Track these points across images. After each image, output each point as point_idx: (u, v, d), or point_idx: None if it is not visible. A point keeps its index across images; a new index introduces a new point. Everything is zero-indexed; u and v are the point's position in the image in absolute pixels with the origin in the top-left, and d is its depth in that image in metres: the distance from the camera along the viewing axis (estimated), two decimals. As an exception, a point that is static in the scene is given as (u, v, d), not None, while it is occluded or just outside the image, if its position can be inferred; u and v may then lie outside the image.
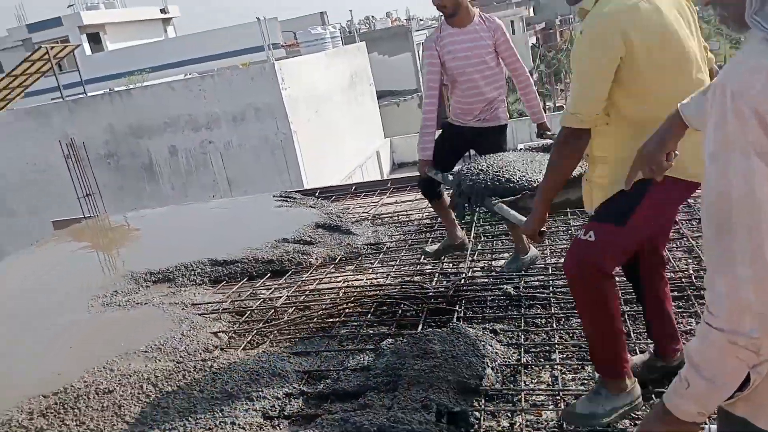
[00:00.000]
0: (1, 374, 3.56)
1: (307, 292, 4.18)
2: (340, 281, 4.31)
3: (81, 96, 15.89)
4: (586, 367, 2.83)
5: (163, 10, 35.42)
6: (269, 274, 4.63)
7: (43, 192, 14.35)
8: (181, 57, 25.53)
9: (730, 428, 1.28)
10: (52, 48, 16.01)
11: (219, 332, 3.70)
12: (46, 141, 13.05)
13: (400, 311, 3.65)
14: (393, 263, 4.52)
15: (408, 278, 4.16)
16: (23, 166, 14.70)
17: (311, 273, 4.56)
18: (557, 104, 37.96)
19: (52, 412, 2.97)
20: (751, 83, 1.09)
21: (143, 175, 14.25)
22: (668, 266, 3.64)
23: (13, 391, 3.22)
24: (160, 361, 3.35)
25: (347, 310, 3.77)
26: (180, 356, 3.39)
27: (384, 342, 3.25)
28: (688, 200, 4.73)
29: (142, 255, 5.70)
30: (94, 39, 31.34)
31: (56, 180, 12.82)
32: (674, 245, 4.01)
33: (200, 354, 3.40)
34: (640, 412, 2.35)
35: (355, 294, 3.99)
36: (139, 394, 3.01)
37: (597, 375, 2.41)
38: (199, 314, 3.99)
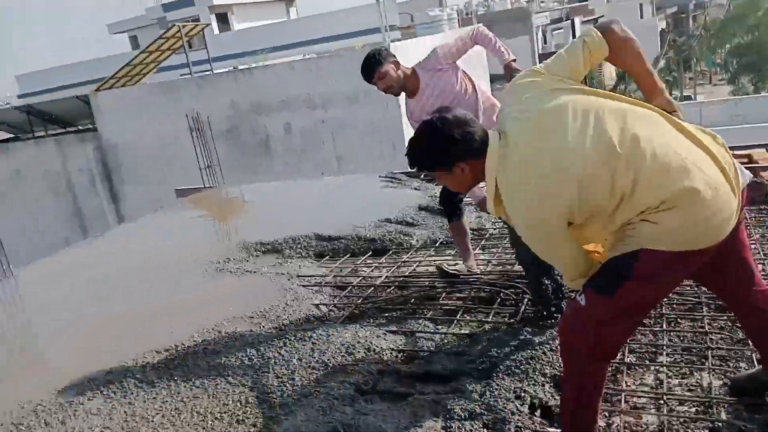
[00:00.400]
0: (119, 329, 3.88)
1: (406, 273, 4.21)
2: (439, 264, 4.30)
3: (208, 73, 16.80)
4: (695, 373, 2.66)
5: (287, -8, 36.59)
6: (371, 252, 4.71)
7: (171, 162, 15.37)
8: (301, 38, 26.32)
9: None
10: (184, 26, 17.02)
11: (320, 304, 3.83)
12: (175, 114, 13.92)
13: (498, 299, 3.60)
14: (495, 250, 4.46)
15: (509, 266, 4.08)
16: (154, 137, 15.81)
17: (411, 254, 4.59)
18: (684, 93, 35.56)
19: (162, 367, 3.21)
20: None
21: (260, 150, 14.89)
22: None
23: (130, 345, 3.50)
24: (264, 327, 3.52)
25: (445, 294, 3.76)
26: (282, 324, 3.54)
27: (481, 328, 3.23)
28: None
29: (254, 226, 5.98)
30: (222, 19, 33.00)
31: (182, 152, 13.68)
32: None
33: (302, 324, 3.53)
34: None
35: (453, 278, 3.97)
36: (242, 356, 3.18)
37: None
38: (303, 286, 4.14)
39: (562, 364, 2.68)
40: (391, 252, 4.69)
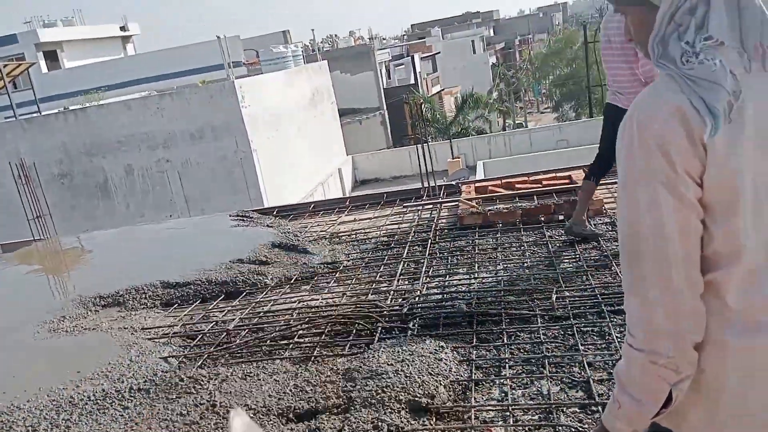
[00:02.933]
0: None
1: (261, 314, 4.13)
2: (295, 301, 4.28)
3: (35, 115, 15.53)
4: (535, 382, 2.85)
5: (123, 28, 35.04)
6: (223, 296, 4.56)
7: (-6, 213, 13.90)
8: (140, 75, 25.23)
9: None
10: (5, 66, 15.64)
11: (169, 357, 3.62)
12: (-2, 161, 12.67)
13: (354, 330, 3.63)
14: (349, 282, 4.51)
15: (363, 297, 4.15)
16: (-28, 187, 14.23)
17: (266, 294, 4.51)
18: (516, 121, 38.66)
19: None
20: (655, 117, 1.15)
21: (97, 194, 13.96)
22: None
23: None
24: (106, 388, 3.26)
25: (301, 331, 3.73)
26: (127, 382, 3.30)
27: (337, 362, 3.23)
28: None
29: (93, 278, 5.56)
30: (51, 56, 30.79)
31: (7, 202, 12.44)
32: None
33: (149, 380, 3.32)
34: None
35: (310, 314, 3.96)
36: (84, 420, 2.92)
37: None
38: (149, 339, 3.90)
39: (416, 389, 2.76)
40: (245, 293, 4.58)
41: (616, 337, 3.08)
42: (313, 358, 3.36)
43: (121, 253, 6.37)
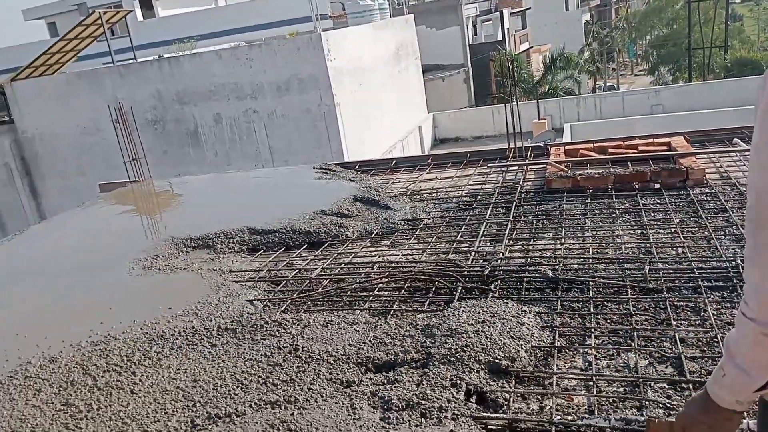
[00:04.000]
0: (35, 326, 3.69)
1: (342, 265, 4.18)
2: (375, 255, 4.30)
3: (131, 62, 16.17)
4: (621, 354, 2.76)
5: (214, -22, 35.57)
6: (306, 245, 4.66)
7: (93, 154, 14.74)
8: (230, 25, 25.71)
9: (765, 414, 1.31)
10: (105, 13, 16.29)
11: (254, 300, 3.75)
12: (97, 105, 13.36)
13: (434, 288, 3.62)
14: (429, 240, 4.49)
15: (443, 256, 4.12)
16: (75, 129, 15.10)
17: (347, 246, 4.56)
18: (607, 84, 36.94)
19: (81, 366, 3.06)
20: None
21: (188, 141, 14.49)
22: (715, 254, 3.52)
23: (51, 343, 3.33)
24: (196, 325, 3.41)
25: (381, 285, 3.76)
26: (215, 321, 3.44)
27: (416, 318, 3.24)
28: (738, 187, 4.55)
29: (184, 220, 5.81)
30: (147, 5, 31.77)
31: (105, 143, 13.14)
32: (723, 233, 3.86)
33: (235, 320, 3.44)
34: None
35: (390, 269, 3.98)
36: (175, 354, 3.08)
37: None
38: (236, 281, 4.05)
39: (496, 351, 2.73)
40: (326, 244, 4.65)
41: (713, 314, 2.92)
42: (392, 311, 3.39)
43: (211, 198, 6.60)
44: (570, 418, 2.38)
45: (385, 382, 2.68)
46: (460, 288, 3.53)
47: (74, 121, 14.98)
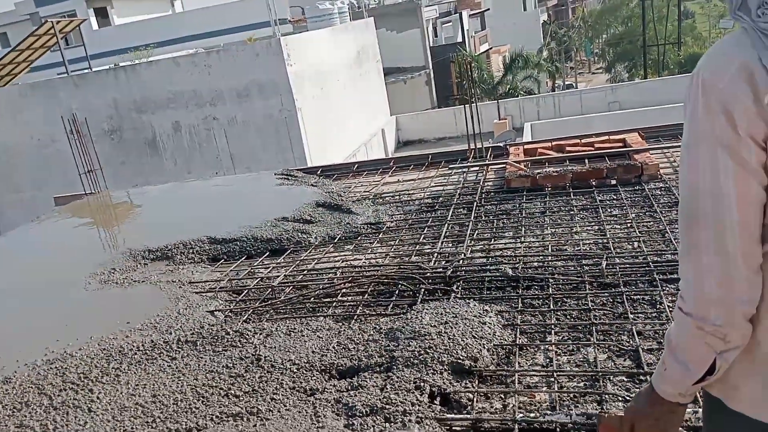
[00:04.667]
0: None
1: (305, 272, 4.15)
2: (338, 260, 4.29)
3: (86, 71, 15.82)
4: (581, 349, 2.79)
5: (170, -16, 35.12)
6: (268, 253, 4.61)
7: (48, 167, 14.37)
8: (187, 32, 25.39)
9: (708, 407, 1.34)
10: (58, 22, 15.91)
11: (215, 310, 3.69)
12: (51, 116, 13.03)
13: (397, 291, 3.62)
14: (392, 243, 4.49)
15: (406, 258, 4.12)
16: (28, 141, 14.71)
17: (310, 252, 4.53)
18: (566, 82, 37.58)
19: (37, 385, 2.97)
20: (720, 75, 1.08)
21: (146, 150, 14.24)
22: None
23: (5, 362, 3.22)
24: (155, 339, 3.34)
25: (344, 290, 3.74)
26: (175, 334, 3.38)
27: (380, 322, 3.23)
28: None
29: (142, 232, 5.69)
30: (101, 13, 31.18)
31: (60, 155, 12.82)
32: (677, 226, 3.95)
33: (196, 332, 3.39)
34: None
35: (353, 273, 3.96)
36: (133, 369, 3.01)
37: None
38: (197, 292, 3.98)
39: (459, 351, 2.74)
40: (289, 251, 4.61)
41: (668, 306, 2.98)
42: (355, 316, 3.37)
43: (170, 208, 6.49)
44: (532, 415, 2.40)
45: (349, 388, 2.66)
46: (423, 290, 3.54)
47: (28, 133, 14.59)
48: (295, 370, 2.85)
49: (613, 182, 4.90)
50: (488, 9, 36.94)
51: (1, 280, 4.97)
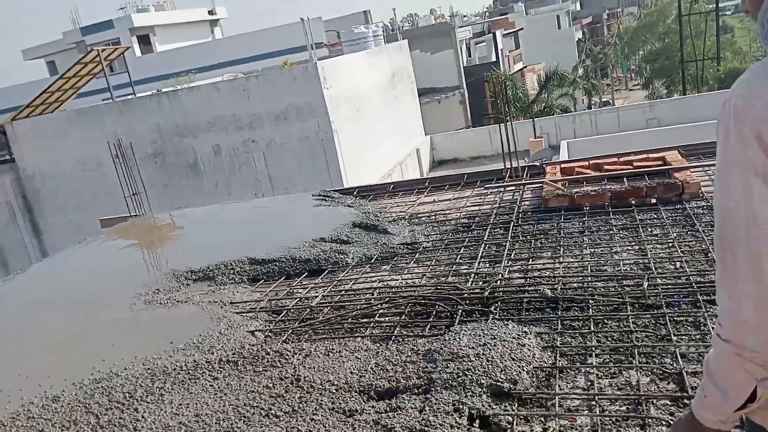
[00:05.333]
0: (37, 365, 3.69)
1: (342, 292, 4.19)
2: (375, 281, 4.31)
3: (130, 97, 16.35)
4: (623, 372, 2.75)
5: (211, 12, 36.16)
6: (306, 273, 4.67)
7: (94, 190, 14.83)
8: (227, 58, 26.03)
9: None
10: (103, 50, 16.51)
11: (256, 331, 3.75)
12: (97, 141, 13.48)
13: (434, 312, 3.63)
14: (428, 263, 4.50)
15: (443, 278, 4.13)
16: (75, 165, 15.22)
17: (347, 272, 4.57)
18: (603, 100, 37.19)
19: (83, 404, 3.06)
20: (753, 103, 1.07)
21: (188, 173, 14.58)
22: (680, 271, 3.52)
23: (54, 381, 3.33)
24: (197, 358, 3.41)
25: (381, 311, 3.76)
26: (217, 354, 3.44)
27: (417, 343, 3.24)
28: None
29: (184, 253, 5.83)
30: (144, 41, 32.25)
31: (106, 178, 13.23)
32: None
33: (237, 352, 3.44)
34: None
35: (390, 294, 3.98)
36: (177, 389, 3.07)
37: None
38: (237, 313, 4.05)
39: (498, 374, 2.73)
40: (327, 271, 4.66)
41: (712, 327, 2.91)
42: (393, 337, 3.38)
43: (211, 229, 6.63)
44: (573, 439, 2.37)
45: (388, 409, 2.67)
46: (460, 311, 3.54)
47: (75, 157, 15.11)
48: (333, 391, 2.87)
49: (653, 201, 4.83)
50: (522, 28, 36.97)
51: (48, 301, 5.14)
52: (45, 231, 16.15)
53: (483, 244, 4.61)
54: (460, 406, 2.58)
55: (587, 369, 2.82)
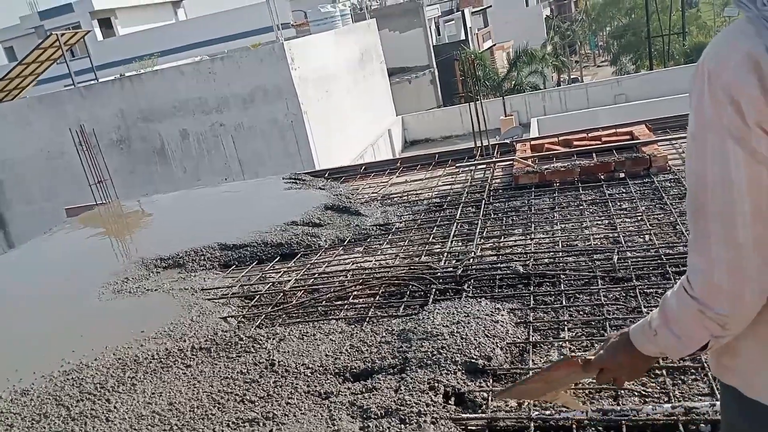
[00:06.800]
0: (5, 358, 3.60)
1: (315, 275, 4.17)
2: (348, 263, 4.29)
3: (92, 82, 15.93)
4: (596, 345, 2.78)
5: (172, -7, 35.32)
6: (278, 258, 4.62)
7: (58, 179, 14.48)
8: (191, 40, 25.52)
9: (725, 397, 1.34)
10: (62, 35, 16.03)
11: (228, 317, 3.71)
12: (60, 128, 13.14)
13: (408, 292, 3.63)
14: (402, 244, 4.49)
15: (416, 258, 4.13)
16: (38, 154, 14.83)
17: (320, 255, 4.54)
18: (571, 76, 37.43)
19: (55, 396, 3.00)
20: (726, 64, 1.06)
21: (155, 158, 14.32)
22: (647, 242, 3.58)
23: (15, 375, 3.25)
24: (169, 346, 3.36)
25: (355, 292, 3.75)
26: (189, 341, 3.39)
27: (392, 323, 3.24)
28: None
29: (153, 240, 5.72)
30: (106, 24, 31.42)
31: (70, 166, 12.92)
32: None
33: (209, 339, 3.40)
34: None
35: (364, 276, 3.97)
36: (149, 378, 3.03)
37: None
38: (209, 299, 4.00)
39: (472, 351, 2.74)
40: (299, 255, 4.62)
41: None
42: (367, 318, 3.38)
43: (180, 216, 6.52)
44: (548, 412, 2.39)
45: (363, 390, 2.67)
46: (434, 290, 3.54)
47: (37, 145, 14.71)
48: (309, 374, 2.86)
49: (622, 176, 4.88)
50: (490, 6, 36.88)
51: (15, 292, 5.02)
52: (10, 221, 15.76)
53: (455, 223, 4.62)
54: (436, 384, 2.59)
55: (560, 343, 2.85)
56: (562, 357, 1.62)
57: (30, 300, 4.75)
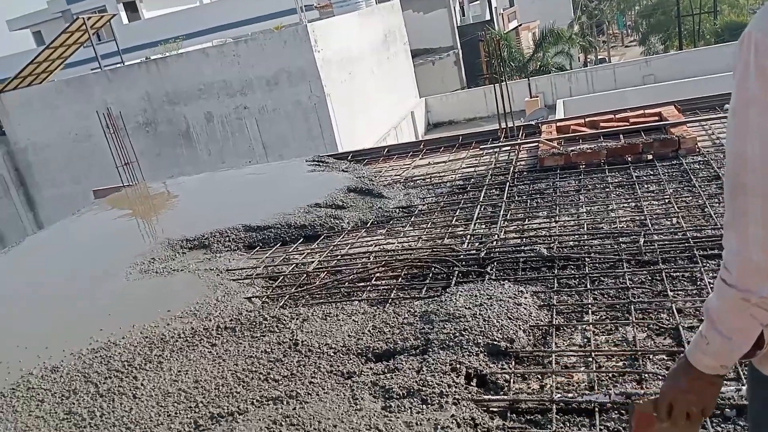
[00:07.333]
0: (36, 337, 3.69)
1: (338, 257, 4.18)
2: (371, 245, 4.30)
3: (118, 65, 16.07)
4: (620, 328, 2.76)
5: (197, -24, 35.31)
6: (302, 239, 4.65)
7: (86, 161, 14.71)
8: (215, 23, 25.57)
9: (754, 384, 1.30)
10: (89, 18, 16.15)
11: (253, 297, 3.75)
12: (87, 111, 13.30)
13: (430, 274, 3.62)
14: (424, 226, 4.48)
15: (439, 241, 4.11)
16: (66, 137, 15.05)
17: (343, 237, 4.56)
18: (599, 57, 36.76)
19: (83, 373, 3.07)
20: None
21: (180, 141, 14.44)
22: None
23: (45, 353, 3.33)
24: (195, 326, 3.41)
25: (378, 274, 3.76)
26: (214, 321, 3.44)
27: (414, 305, 3.24)
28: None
29: (179, 222, 5.80)
30: (131, 8, 31.59)
31: (98, 149, 13.10)
32: (717, 200, 3.85)
33: (234, 319, 3.45)
34: None
35: (386, 258, 3.97)
36: (175, 356, 3.08)
37: None
38: (233, 280, 4.05)
39: (495, 333, 2.73)
40: (322, 237, 4.64)
41: (709, 282, 2.92)
42: (390, 300, 3.39)
43: (205, 198, 6.59)
44: (570, 395, 2.38)
45: (386, 370, 2.69)
46: (456, 272, 3.53)
47: (65, 128, 14.93)
48: (332, 354, 2.88)
49: (650, 157, 4.79)
50: (515, -14, 36.21)
51: (45, 273, 5.13)
52: (39, 203, 16.07)
53: (479, 206, 4.59)
54: (458, 366, 2.59)
55: (584, 326, 2.83)
56: (633, 402, 1.47)
57: (59, 279, 4.85)
